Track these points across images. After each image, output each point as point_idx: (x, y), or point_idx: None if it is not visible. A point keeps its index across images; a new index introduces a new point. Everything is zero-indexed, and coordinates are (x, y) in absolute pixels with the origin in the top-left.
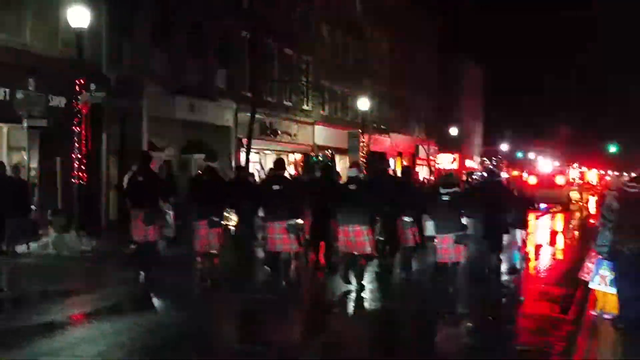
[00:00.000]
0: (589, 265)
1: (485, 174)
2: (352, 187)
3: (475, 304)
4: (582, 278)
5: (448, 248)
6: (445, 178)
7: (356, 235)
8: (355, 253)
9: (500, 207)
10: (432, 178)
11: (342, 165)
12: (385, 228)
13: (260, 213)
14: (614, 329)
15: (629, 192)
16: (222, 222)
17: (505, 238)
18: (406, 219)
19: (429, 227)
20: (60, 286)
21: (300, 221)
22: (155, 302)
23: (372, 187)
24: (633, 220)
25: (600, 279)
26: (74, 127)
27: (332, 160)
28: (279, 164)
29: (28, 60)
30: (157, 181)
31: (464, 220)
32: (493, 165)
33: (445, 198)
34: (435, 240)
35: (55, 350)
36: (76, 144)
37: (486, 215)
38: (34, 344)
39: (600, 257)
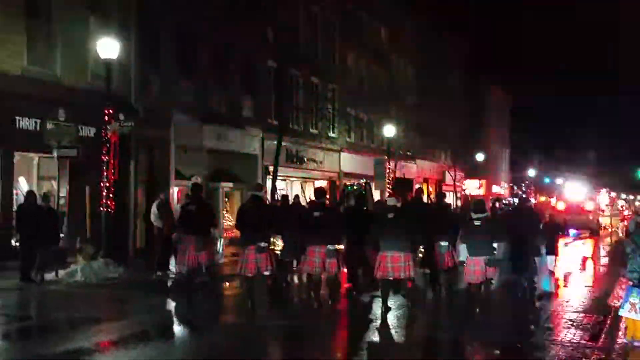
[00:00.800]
0: (619, 292)
1: (516, 200)
2: (390, 215)
3: (505, 330)
4: (613, 305)
5: (479, 270)
6: (477, 204)
7: (393, 261)
8: (392, 278)
9: (531, 232)
10: (459, 204)
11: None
12: (424, 253)
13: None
14: None
15: None
16: (269, 246)
17: (537, 261)
18: (442, 243)
19: (462, 252)
20: (88, 313)
21: (339, 246)
22: (186, 327)
23: (409, 214)
24: None
25: (631, 307)
26: (102, 157)
27: (366, 189)
28: (320, 193)
29: (58, 92)
30: (209, 210)
31: (495, 245)
32: (522, 191)
33: (477, 223)
34: (466, 262)
35: None
36: (105, 173)
37: (517, 239)
38: None
39: (631, 283)
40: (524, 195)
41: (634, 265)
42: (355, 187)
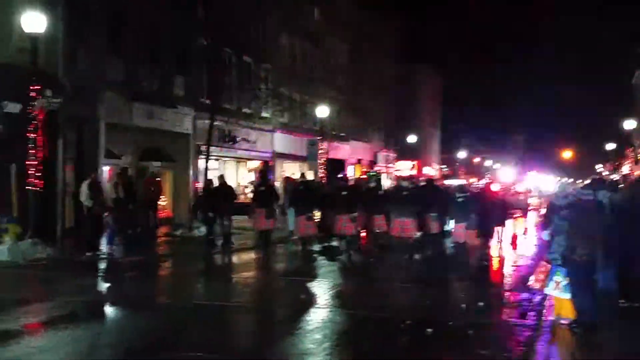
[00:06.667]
0: (539, 275)
1: (481, 184)
2: (405, 192)
3: (438, 309)
4: (532, 286)
5: (462, 232)
6: (460, 187)
7: (405, 225)
8: (403, 236)
9: (494, 207)
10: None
11: (299, 172)
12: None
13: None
14: (571, 334)
15: (582, 200)
16: (313, 216)
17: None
18: (433, 214)
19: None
20: (16, 295)
21: (355, 214)
22: (117, 308)
23: (418, 193)
24: (584, 228)
25: (555, 285)
26: (29, 134)
27: (380, 176)
28: (345, 177)
29: None
30: (274, 190)
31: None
32: (487, 177)
33: (460, 200)
34: (453, 228)
35: None
36: (31, 151)
37: (484, 212)
38: None
39: (553, 264)
40: (488, 181)
41: (553, 247)
42: (373, 174)
